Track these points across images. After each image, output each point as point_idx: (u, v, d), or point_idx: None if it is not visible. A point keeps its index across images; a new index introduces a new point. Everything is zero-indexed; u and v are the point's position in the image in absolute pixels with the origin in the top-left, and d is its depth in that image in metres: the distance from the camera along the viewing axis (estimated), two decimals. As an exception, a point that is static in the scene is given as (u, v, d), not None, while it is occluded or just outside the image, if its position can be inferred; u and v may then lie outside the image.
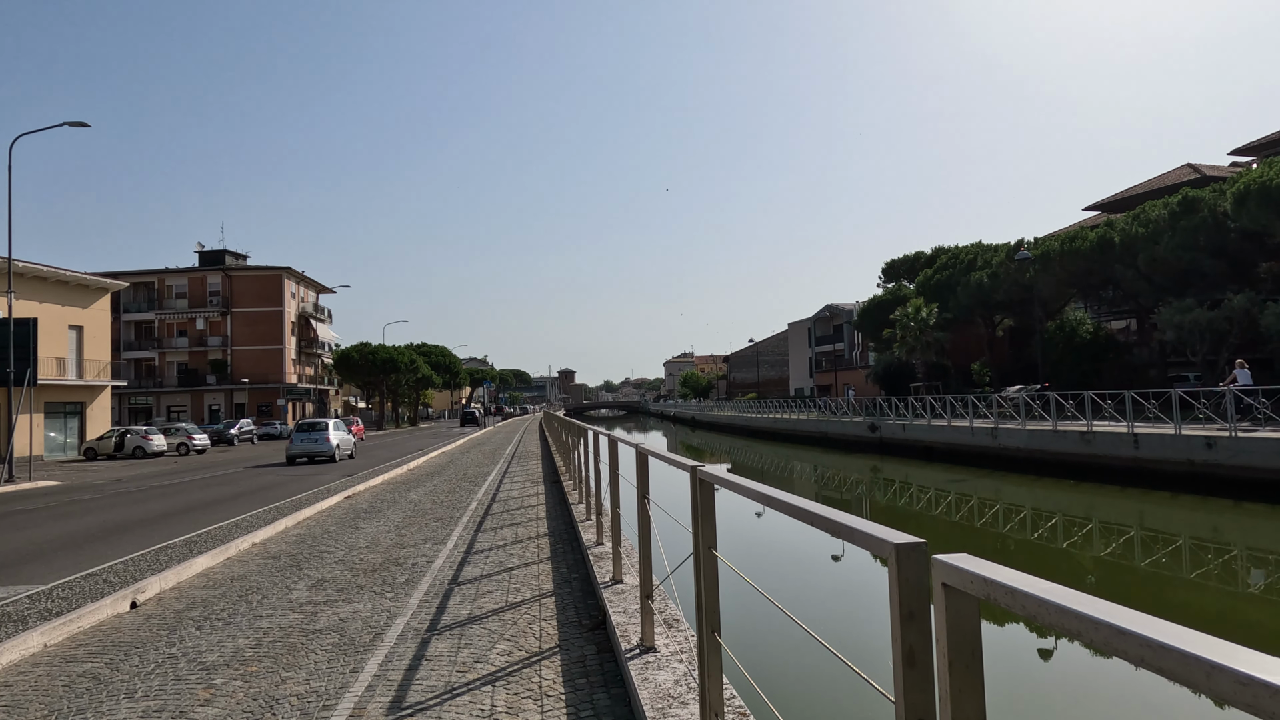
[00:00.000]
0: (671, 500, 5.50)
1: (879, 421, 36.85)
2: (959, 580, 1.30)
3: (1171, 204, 32.78)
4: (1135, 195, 42.53)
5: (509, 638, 6.06)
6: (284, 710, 4.75)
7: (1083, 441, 23.24)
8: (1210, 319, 29.21)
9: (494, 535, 11.09)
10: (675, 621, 5.57)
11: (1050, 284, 37.79)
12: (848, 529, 1.77)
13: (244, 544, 10.92)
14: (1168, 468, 20.35)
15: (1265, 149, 38.51)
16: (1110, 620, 0.96)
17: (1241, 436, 18.62)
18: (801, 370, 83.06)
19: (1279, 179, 27.43)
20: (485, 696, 4.83)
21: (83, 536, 12.26)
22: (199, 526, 12.53)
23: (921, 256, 53.10)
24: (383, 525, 12.50)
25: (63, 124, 26.75)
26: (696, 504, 3.28)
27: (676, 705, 4.02)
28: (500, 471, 22.15)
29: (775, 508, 2.34)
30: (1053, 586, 1.14)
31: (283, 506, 14.74)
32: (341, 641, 6.16)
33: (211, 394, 69.71)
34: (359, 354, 73.70)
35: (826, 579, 13.51)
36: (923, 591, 1.47)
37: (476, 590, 7.73)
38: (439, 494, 16.83)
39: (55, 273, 38.67)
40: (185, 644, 6.30)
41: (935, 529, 18.02)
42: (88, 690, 5.30)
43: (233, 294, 70.94)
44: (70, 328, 40.27)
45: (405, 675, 5.29)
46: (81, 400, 40.98)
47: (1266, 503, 17.48)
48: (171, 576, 8.74)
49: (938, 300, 44.35)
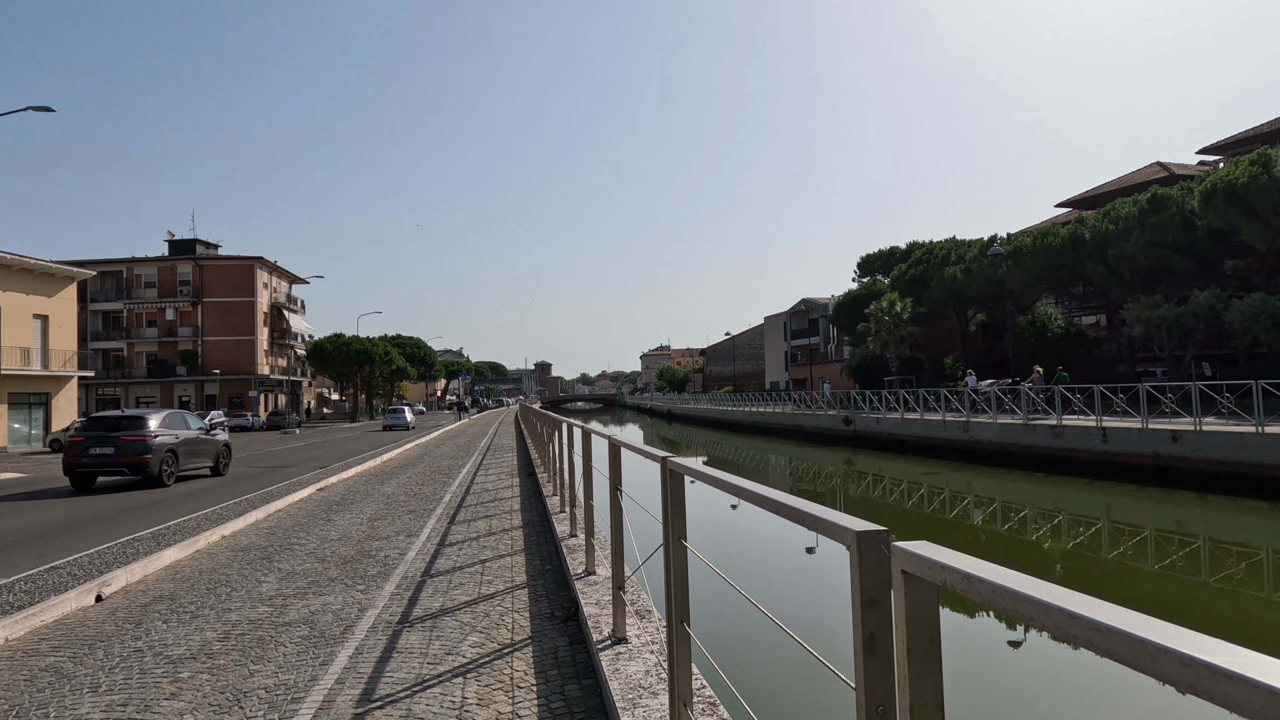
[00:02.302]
0: (645, 492, 5.51)
1: (853, 415, 37.15)
2: (918, 567, 1.31)
3: (1141, 202, 33.31)
4: (1106, 193, 43.18)
5: (481, 630, 6.04)
6: (251, 703, 4.70)
7: (1053, 435, 23.59)
8: (1177, 315, 29.75)
9: (468, 527, 11.04)
10: (647, 613, 5.59)
11: (1022, 279, 38.28)
12: (811, 517, 1.78)
13: (213, 536, 10.78)
14: (1135, 461, 20.72)
15: (1232, 148, 39.23)
16: (1060, 604, 0.97)
17: (1206, 431, 19.00)
18: (777, 364, 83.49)
19: (1245, 178, 27.96)
20: (456, 688, 4.82)
21: (46, 529, 12.04)
22: (167, 519, 12.36)
23: (896, 251, 53.58)
24: (355, 517, 12.41)
25: (27, 108, 26.14)
26: (667, 495, 3.29)
27: (647, 695, 4.03)
28: (475, 464, 22.06)
29: (743, 497, 2.35)
30: (1007, 572, 1.15)
31: (253, 499, 14.57)
32: (311, 634, 6.10)
33: (182, 385, 68.73)
34: (332, 345, 73.05)
35: (796, 570, 13.62)
36: (883, 579, 1.49)
37: (449, 582, 7.69)
38: (413, 486, 16.73)
39: (19, 260, 37.86)
40: (151, 637, 6.22)
41: (906, 521, 18.22)
42: (50, 684, 5.21)
43: (203, 284, 69.93)
44: (35, 317, 39.48)
45: (375, 667, 5.26)
46: (47, 391, 40.22)
47: (1228, 495, 17.87)
48: (138, 569, 8.61)
49: (912, 295, 44.77)
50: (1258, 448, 17.76)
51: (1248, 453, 17.96)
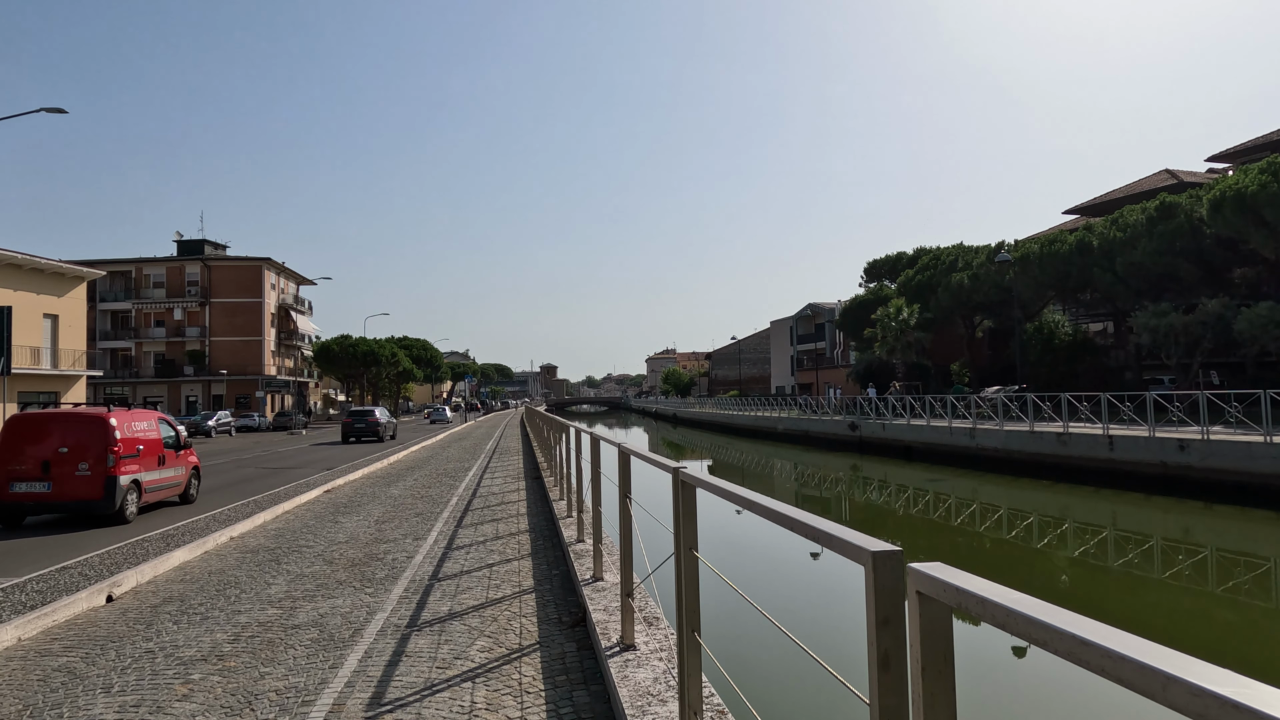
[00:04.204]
0: (652, 499, 5.54)
1: (859, 420, 37.11)
2: (933, 589, 1.34)
3: (1149, 209, 33.23)
4: (1114, 200, 43.06)
5: (489, 634, 6.08)
6: (263, 706, 4.74)
7: (1059, 443, 23.54)
8: (1185, 323, 29.66)
9: (475, 531, 11.08)
10: (655, 620, 5.61)
11: (1029, 286, 38.20)
12: (826, 535, 1.81)
13: (222, 538, 10.85)
14: (1141, 469, 20.66)
15: (1241, 156, 39.10)
16: (1073, 631, 1.00)
17: (1213, 440, 18.94)
18: (783, 368, 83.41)
19: (1254, 186, 27.87)
20: (465, 693, 4.85)
21: (56, 528, 12.12)
22: (175, 520, 12.43)
23: (903, 257, 53.47)
24: (363, 520, 12.46)
25: (39, 110, 26.34)
26: (678, 505, 3.32)
27: (656, 703, 4.06)
28: (481, 467, 22.11)
29: (756, 512, 2.38)
30: (1021, 597, 1.18)
31: (261, 500, 14.65)
32: (321, 637, 6.15)
33: (189, 385, 68.97)
34: (339, 346, 73.17)
35: (806, 581, 13.62)
36: (897, 598, 1.52)
37: (457, 586, 7.74)
38: (419, 489, 16.79)
39: (30, 260, 38.09)
40: (162, 638, 6.27)
41: (912, 528, 18.20)
42: (63, 684, 5.26)
43: (211, 284, 70.20)
44: (45, 316, 39.71)
45: (385, 671, 5.30)
46: (56, 390, 40.42)
47: (1236, 505, 17.81)
48: (148, 570, 8.67)
49: (919, 300, 44.71)
50: (1266, 457, 17.69)
51: (1256, 462, 17.89)
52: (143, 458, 13.23)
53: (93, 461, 12.31)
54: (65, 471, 12.25)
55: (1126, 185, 45.06)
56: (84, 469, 12.28)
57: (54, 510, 12.56)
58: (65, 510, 12.47)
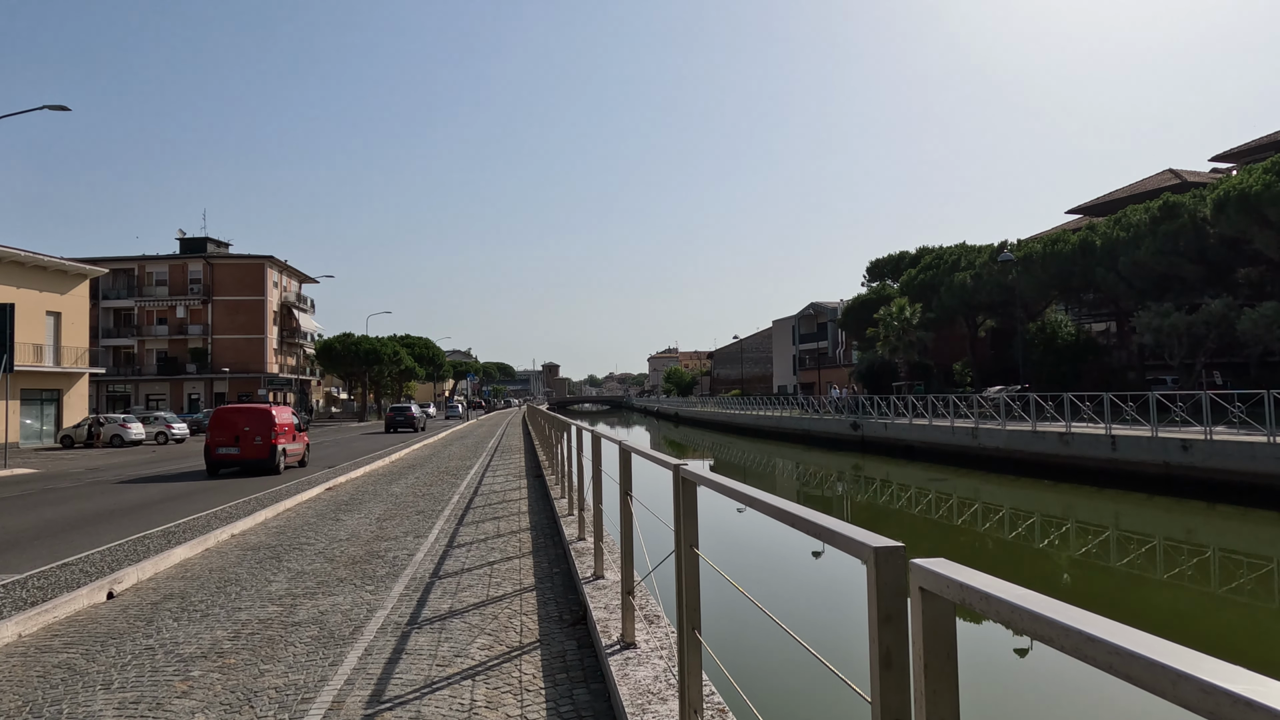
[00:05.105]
0: (653, 496, 5.52)
1: (861, 420, 37.07)
2: (936, 585, 1.32)
3: (1152, 209, 33.16)
4: (1117, 199, 42.98)
5: (489, 632, 6.06)
6: (262, 703, 4.73)
7: (1061, 442, 23.49)
8: (1188, 323, 29.59)
9: (476, 529, 11.07)
10: (656, 618, 5.60)
11: (1032, 286, 38.14)
12: (828, 531, 1.79)
13: (223, 535, 10.84)
14: (1144, 469, 20.61)
15: (1245, 155, 39.00)
16: (1079, 627, 0.98)
17: (1216, 440, 18.90)
18: (785, 367, 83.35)
19: (1258, 186, 27.80)
20: (465, 690, 4.84)
21: (59, 525, 12.13)
22: (177, 517, 12.43)
23: (906, 256, 53.40)
24: (364, 518, 12.46)
25: (42, 107, 26.34)
26: (679, 502, 3.30)
27: (656, 701, 4.04)
28: (483, 465, 22.10)
29: (757, 508, 2.36)
30: (1025, 593, 1.16)
31: (262, 498, 14.65)
32: (321, 634, 6.14)
33: (191, 383, 69.04)
34: (341, 344, 73.25)
35: (807, 578, 13.60)
36: (900, 594, 1.50)
37: (457, 584, 7.72)
38: (421, 487, 16.78)
39: (33, 258, 38.15)
40: (162, 635, 6.26)
41: (914, 528, 18.17)
42: (63, 681, 5.25)
43: (214, 282, 70.25)
44: (48, 314, 39.77)
45: (385, 669, 5.28)
46: (59, 387, 40.50)
47: (1238, 505, 17.76)
48: (149, 567, 8.66)
49: (921, 300, 44.66)
50: (1269, 458, 17.65)
51: (1259, 463, 17.85)
52: (286, 435, 20.29)
53: (263, 436, 19.44)
54: (247, 442, 19.37)
55: (1130, 185, 44.97)
56: (258, 441, 19.36)
57: (239, 465, 19.50)
58: (246, 465, 19.44)
